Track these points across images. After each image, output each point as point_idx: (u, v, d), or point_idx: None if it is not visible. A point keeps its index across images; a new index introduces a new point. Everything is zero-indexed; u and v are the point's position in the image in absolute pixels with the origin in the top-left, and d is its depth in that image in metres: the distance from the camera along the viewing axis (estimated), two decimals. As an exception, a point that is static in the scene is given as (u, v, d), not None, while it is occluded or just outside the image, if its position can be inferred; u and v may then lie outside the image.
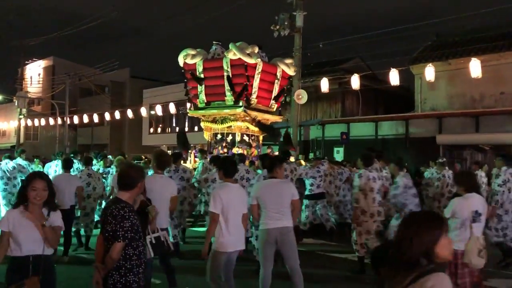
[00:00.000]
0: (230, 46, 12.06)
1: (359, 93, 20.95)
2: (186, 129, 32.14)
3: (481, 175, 11.86)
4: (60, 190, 7.02)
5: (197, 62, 12.70)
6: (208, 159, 10.40)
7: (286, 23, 16.57)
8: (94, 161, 11.18)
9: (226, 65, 12.17)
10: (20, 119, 32.93)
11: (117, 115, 24.15)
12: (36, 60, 45.93)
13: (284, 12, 16.83)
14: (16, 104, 32.01)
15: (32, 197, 3.46)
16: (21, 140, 35.20)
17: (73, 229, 8.41)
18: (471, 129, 16.40)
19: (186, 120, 32.03)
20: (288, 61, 13.78)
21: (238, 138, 12.68)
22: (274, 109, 13.85)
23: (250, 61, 11.87)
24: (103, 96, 36.10)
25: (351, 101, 22.97)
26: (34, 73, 46.63)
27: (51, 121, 33.43)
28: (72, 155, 12.10)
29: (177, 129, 28.44)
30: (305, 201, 9.68)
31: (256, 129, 13.00)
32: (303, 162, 12.04)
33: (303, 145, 19.39)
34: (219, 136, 13.11)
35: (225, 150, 12.36)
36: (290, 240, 5.42)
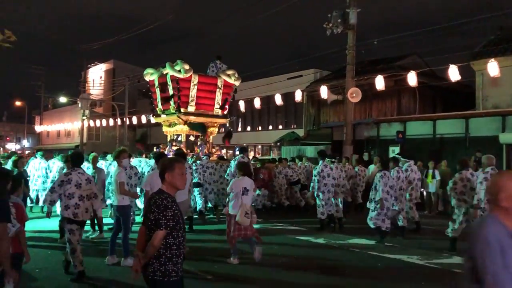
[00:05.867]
0: (166, 64, 14.75)
1: (416, 91, 20.31)
2: (239, 129, 32.55)
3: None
4: None
5: (154, 78, 15.69)
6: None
7: (339, 20, 16.38)
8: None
9: (168, 80, 14.94)
10: (83, 120, 34.60)
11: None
12: (98, 64, 48.11)
13: (337, 9, 16.63)
14: (79, 106, 33.63)
15: None
16: (84, 140, 36.95)
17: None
18: (539, 127, 15.44)
19: (239, 122, 32.39)
20: (230, 71, 15.87)
21: (181, 139, 15.59)
22: (220, 113, 16.09)
23: (179, 75, 14.57)
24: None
25: (408, 99, 22.30)
26: (96, 76, 48.84)
27: (112, 121, 34.91)
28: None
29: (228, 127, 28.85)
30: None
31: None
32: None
33: (357, 145, 19.03)
34: (174, 137, 15.80)
35: (174, 148, 14.49)
36: None
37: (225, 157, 14.90)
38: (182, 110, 15.15)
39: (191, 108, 15.33)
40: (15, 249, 4.18)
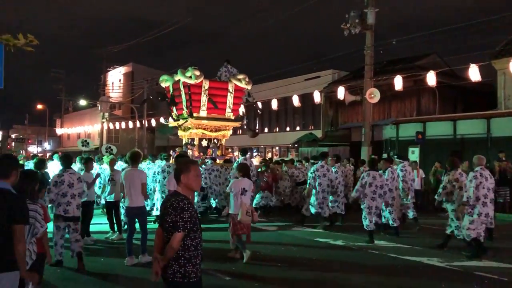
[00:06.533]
0: (178, 71, 15.37)
1: (436, 91, 20.04)
2: (257, 130, 32.58)
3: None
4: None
5: (169, 85, 16.33)
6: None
7: (357, 21, 16.25)
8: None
9: (181, 86, 15.54)
10: (103, 122, 35.06)
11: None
12: (117, 67, 48.67)
13: (355, 10, 16.51)
14: (99, 108, 34.07)
15: None
16: (104, 142, 37.36)
17: None
18: None
19: (257, 122, 32.42)
20: (241, 76, 16.26)
21: (196, 142, 16.18)
22: (232, 117, 16.56)
23: (190, 81, 15.09)
24: (178, 99, 37.36)
25: (428, 99, 22.01)
26: (115, 79, 49.41)
27: (131, 124, 35.29)
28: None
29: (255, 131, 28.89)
30: None
31: (214, 134, 16.25)
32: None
33: (376, 146, 18.84)
34: (189, 141, 16.40)
35: (189, 151, 15.37)
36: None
37: (231, 161, 15.00)
38: (195, 114, 15.65)
39: (203, 113, 15.81)
40: (38, 249, 4.25)
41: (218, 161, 14.52)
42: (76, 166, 12.21)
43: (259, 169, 13.76)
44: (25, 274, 3.60)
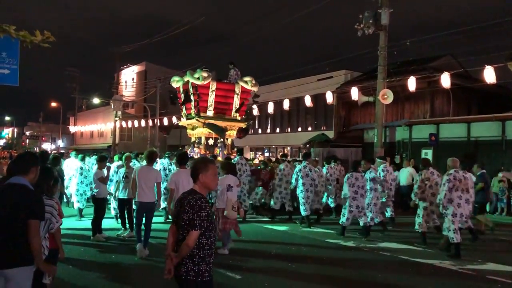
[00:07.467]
0: (187, 72, 16.05)
1: (450, 92, 19.85)
2: (268, 130, 32.57)
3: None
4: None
5: (180, 85, 16.95)
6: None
7: (370, 21, 16.12)
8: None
9: (190, 87, 16.16)
10: (115, 121, 35.26)
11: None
12: (130, 66, 48.98)
13: (368, 10, 16.40)
14: (112, 107, 34.29)
15: None
16: (117, 141, 37.67)
17: None
18: None
19: (269, 122, 32.40)
20: (247, 78, 16.85)
21: (203, 141, 16.76)
22: (238, 117, 17.13)
23: (198, 82, 15.76)
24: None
25: (441, 101, 21.80)
26: (128, 78, 49.71)
27: (143, 122, 35.50)
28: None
29: (260, 130, 28.84)
30: None
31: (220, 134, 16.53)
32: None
33: (388, 147, 18.71)
34: (197, 140, 16.96)
35: (195, 149, 16.08)
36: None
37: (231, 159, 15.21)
38: (202, 114, 16.13)
39: (210, 112, 16.38)
40: (50, 245, 4.30)
41: (219, 158, 14.78)
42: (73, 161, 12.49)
43: (259, 167, 14.20)
44: (42, 267, 3.66)
